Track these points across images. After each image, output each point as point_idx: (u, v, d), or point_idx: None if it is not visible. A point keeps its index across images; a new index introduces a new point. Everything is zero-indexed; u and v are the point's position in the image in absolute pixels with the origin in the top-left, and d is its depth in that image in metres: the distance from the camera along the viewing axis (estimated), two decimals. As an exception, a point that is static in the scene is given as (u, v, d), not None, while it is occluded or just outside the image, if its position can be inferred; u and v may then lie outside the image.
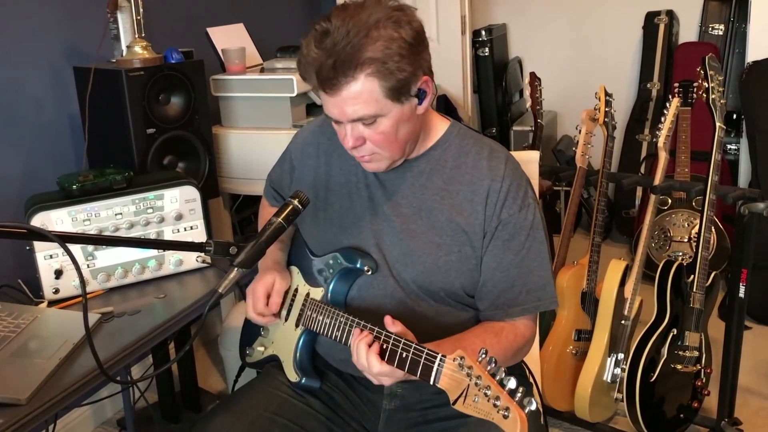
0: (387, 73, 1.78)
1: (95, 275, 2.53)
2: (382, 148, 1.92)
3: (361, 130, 1.88)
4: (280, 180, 2.35)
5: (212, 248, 1.81)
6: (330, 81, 1.79)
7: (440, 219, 1.99)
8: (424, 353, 1.70)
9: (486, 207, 1.97)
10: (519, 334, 2.00)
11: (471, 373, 1.59)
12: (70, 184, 2.54)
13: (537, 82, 4.13)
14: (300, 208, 1.90)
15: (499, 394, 1.53)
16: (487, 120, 5.70)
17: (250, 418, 2.03)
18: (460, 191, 2.00)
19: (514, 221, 1.98)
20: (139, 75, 2.98)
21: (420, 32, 1.83)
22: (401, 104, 1.85)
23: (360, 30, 1.75)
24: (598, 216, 3.35)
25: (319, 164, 2.17)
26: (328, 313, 2.00)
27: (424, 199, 2.02)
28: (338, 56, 1.75)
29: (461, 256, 1.99)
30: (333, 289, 2.06)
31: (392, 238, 2.03)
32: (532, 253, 2.00)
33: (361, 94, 1.80)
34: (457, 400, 1.61)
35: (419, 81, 1.85)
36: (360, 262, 2.02)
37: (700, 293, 3.09)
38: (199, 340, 4.24)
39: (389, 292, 2.02)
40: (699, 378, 3.22)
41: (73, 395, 1.97)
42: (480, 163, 2.01)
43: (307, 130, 2.26)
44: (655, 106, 5.42)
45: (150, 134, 3.06)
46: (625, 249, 5.40)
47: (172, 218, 2.65)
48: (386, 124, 1.86)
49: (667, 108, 3.30)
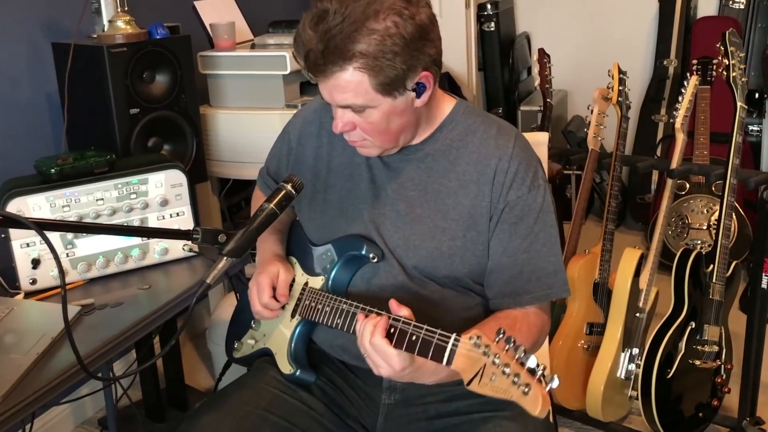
0: (377, 69, 1.78)
1: (75, 265, 2.52)
2: (372, 136, 1.93)
3: (350, 116, 1.89)
4: (277, 163, 2.35)
5: (200, 236, 1.81)
6: (318, 67, 1.80)
7: (447, 202, 2.00)
8: (437, 333, 1.68)
9: (492, 188, 1.97)
10: (532, 324, 2.00)
11: (488, 351, 1.59)
12: (48, 167, 2.53)
13: (546, 58, 4.12)
14: (293, 193, 1.90)
15: (519, 371, 1.53)
16: (492, 99, 5.69)
17: (239, 415, 2.02)
18: (467, 171, 2.00)
19: (523, 203, 1.97)
20: (122, 51, 2.97)
21: (424, 27, 1.82)
22: (393, 98, 1.85)
23: (357, 19, 1.75)
24: (611, 202, 3.35)
25: (320, 143, 2.17)
26: (328, 301, 2.00)
27: (431, 182, 2.02)
28: (328, 44, 1.75)
29: (466, 241, 1.99)
30: (335, 277, 2.06)
31: (395, 222, 2.03)
32: (541, 237, 2.00)
33: (349, 84, 1.80)
34: (472, 380, 1.59)
35: (417, 77, 1.85)
36: (365, 249, 2.02)
37: (720, 284, 3.09)
38: (185, 334, 4.25)
39: (392, 277, 2.02)
40: (719, 374, 3.22)
41: (52, 393, 1.96)
42: (487, 141, 2.01)
43: (309, 108, 2.26)
44: (672, 85, 5.41)
45: (133, 115, 3.05)
46: (639, 237, 5.40)
47: (156, 204, 2.64)
48: (376, 115, 1.87)
49: (684, 86, 3.30)
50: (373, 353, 1.74)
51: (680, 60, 5.43)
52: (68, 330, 1.78)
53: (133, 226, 2.58)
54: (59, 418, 3.49)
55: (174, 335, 1.94)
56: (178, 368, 3.61)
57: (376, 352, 1.73)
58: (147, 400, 3.55)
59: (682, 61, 5.42)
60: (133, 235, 2.56)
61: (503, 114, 5.60)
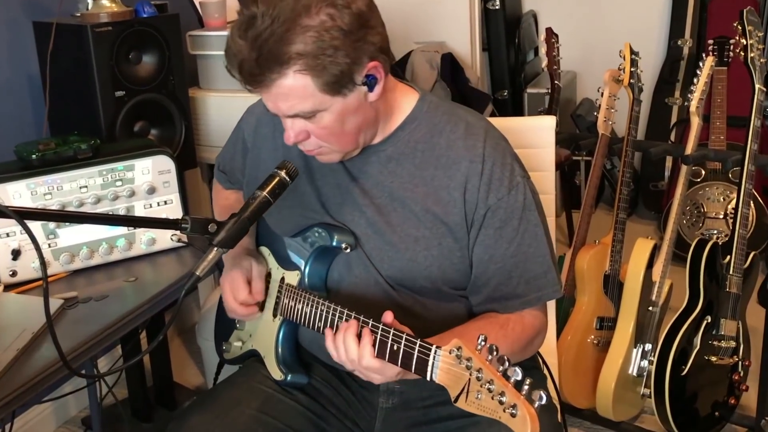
0: (320, 68, 1.72)
1: (57, 256, 2.52)
2: (329, 142, 1.88)
3: (301, 124, 1.84)
4: (231, 162, 2.34)
5: (189, 225, 1.81)
6: (255, 77, 1.75)
7: (415, 209, 1.96)
8: (417, 344, 1.67)
9: (466, 193, 1.93)
10: (527, 325, 1.98)
11: (471, 365, 1.55)
12: (29, 153, 2.53)
13: (554, 38, 4.12)
14: (288, 180, 1.88)
15: (504, 388, 1.50)
16: (497, 81, 5.67)
17: (230, 416, 2.03)
18: (435, 177, 1.96)
19: (505, 205, 1.93)
20: (107, 31, 2.96)
21: (363, 15, 1.76)
22: (344, 96, 1.80)
23: (287, 18, 1.70)
24: (623, 189, 3.34)
25: (276, 146, 2.12)
26: (307, 300, 1.97)
27: (394, 188, 1.98)
28: (261, 51, 1.70)
29: (442, 250, 1.96)
30: (310, 273, 2.04)
31: (366, 230, 2.00)
32: (527, 238, 1.96)
33: (293, 90, 1.75)
34: (458, 397, 1.58)
35: (364, 69, 1.79)
36: (336, 239, 1.98)
37: (738, 276, 3.09)
38: (174, 329, 4.26)
39: (372, 282, 2.00)
40: (736, 371, 3.23)
41: (33, 391, 1.96)
42: (455, 142, 1.97)
43: (260, 106, 2.19)
44: (687, 66, 5.42)
45: (119, 97, 3.05)
46: (652, 226, 5.41)
47: (143, 192, 2.64)
48: (328, 118, 1.82)
49: (700, 68, 3.29)
50: (365, 371, 1.75)
51: (695, 40, 5.43)
52: (50, 324, 1.77)
53: (118, 215, 2.57)
54: (41, 417, 3.49)
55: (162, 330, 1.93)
56: (166, 365, 3.62)
57: (370, 371, 1.74)
58: (133, 399, 3.56)
59: (697, 41, 5.43)
60: (119, 225, 2.56)
61: (508, 96, 5.59)
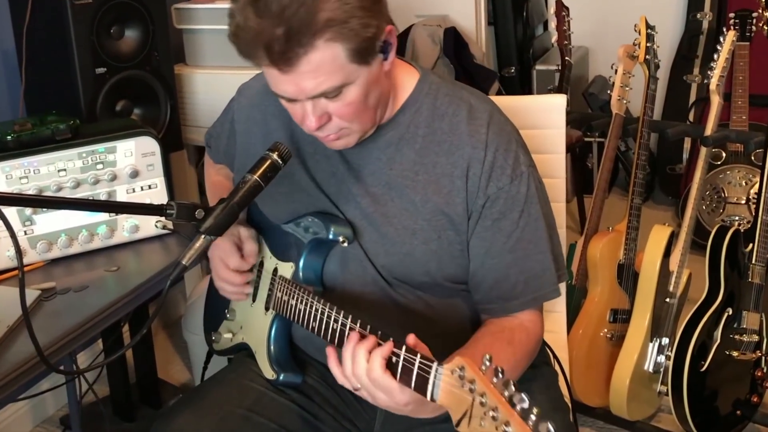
0: (351, 34, 1.70)
1: (34, 244, 2.52)
2: (352, 121, 1.86)
3: (323, 105, 1.81)
4: (217, 139, 2.35)
5: (174, 211, 1.80)
6: (284, 55, 1.70)
7: (414, 199, 1.95)
8: (417, 359, 1.62)
9: (468, 181, 1.93)
10: (531, 333, 1.99)
11: (474, 388, 1.52)
12: (3, 134, 2.52)
13: (564, 11, 4.11)
14: (280, 163, 1.87)
15: (510, 418, 1.46)
16: (504, 57, 5.67)
17: (219, 415, 2.03)
18: (437, 164, 1.95)
19: (505, 196, 1.93)
20: (87, 3, 2.96)
21: None
22: (369, 66, 1.79)
23: None
24: (638, 173, 3.34)
25: (268, 131, 2.11)
26: (300, 297, 1.96)
27: (393, 176, 1.97)
28: (290, 23, 1.66)
29: (442, 243, 1.96)
30: (304, 266, 2.03)
31: (361, 222, 2.00)
32: (527, 233, 1.96)
33: (323, 65, 1.72)
34: (460, 421, 1.53)
35: (384, 33, 1.79)
36: (333, 231, 1.97)
37: (761, 265, 3.09)
38: (158, 322, 4.27)
39: (369, 278, 2.00)
40: (759, 367, 3.23)
41: (8, 388, 1.96)
42: (458, 126, 1.96)
43: (254, 88, 2.20)
44: (707, 41, 5.41)
45: (100, 75, 3.05)
46: (670, 212, 5.41)
47: (126, 175, 2.64)
48: (354, 92, 1.79)
49: (720, 43, 3.29)
50: (371, 387, 1.69)
51: (715, 13, 5.42)
52: (26, 317, 1.77)
53: (99, 200, 2.57)
54: (16, 416, 3.51)
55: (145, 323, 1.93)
56: (149, 360, 3.62)
57: (376, 387, 1.68)
58: (115, 396, 3.57)
59: (717, 14, 5.42)
60: (100, 211, 2.56)
61: (516, 73, 5.59)
